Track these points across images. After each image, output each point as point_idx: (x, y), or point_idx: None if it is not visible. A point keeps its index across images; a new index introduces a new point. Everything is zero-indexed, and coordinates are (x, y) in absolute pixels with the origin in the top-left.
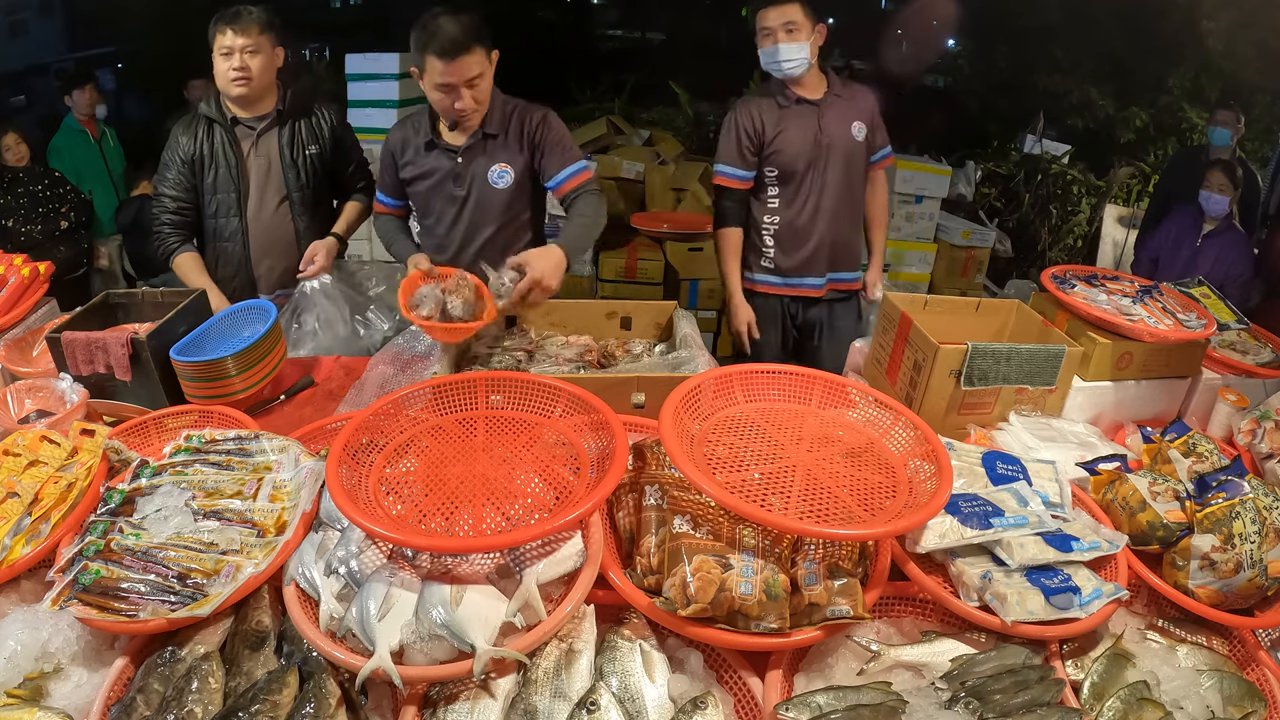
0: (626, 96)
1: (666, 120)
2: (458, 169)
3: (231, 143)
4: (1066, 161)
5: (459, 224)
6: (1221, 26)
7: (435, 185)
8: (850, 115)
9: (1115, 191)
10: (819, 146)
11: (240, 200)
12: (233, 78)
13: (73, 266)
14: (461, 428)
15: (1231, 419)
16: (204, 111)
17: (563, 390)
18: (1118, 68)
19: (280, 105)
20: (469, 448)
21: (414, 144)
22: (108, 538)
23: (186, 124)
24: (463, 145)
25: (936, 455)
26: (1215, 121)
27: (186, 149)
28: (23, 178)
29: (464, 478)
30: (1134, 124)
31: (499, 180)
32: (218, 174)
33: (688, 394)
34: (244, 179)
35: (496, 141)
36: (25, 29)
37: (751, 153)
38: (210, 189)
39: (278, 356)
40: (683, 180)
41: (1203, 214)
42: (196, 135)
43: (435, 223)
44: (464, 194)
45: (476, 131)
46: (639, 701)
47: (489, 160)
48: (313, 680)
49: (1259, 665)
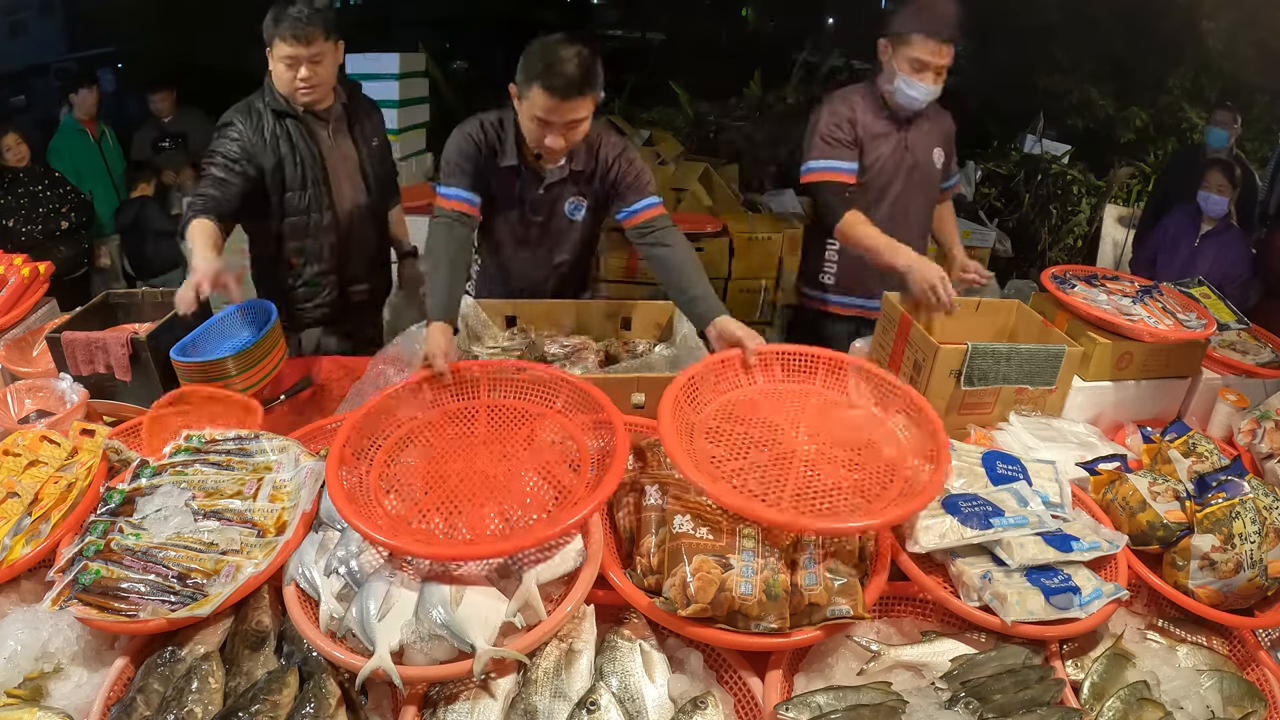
0: (626, 96)
1: (666, 120)
2: (536, 199)
3: (310, 136)
4: (1066, 161)
5: (524, 248)
6: (1221, 26)
7: (510, 206)
8: (934, 139)
9: (1115, 191)
10: (902, 166)
11: (329, 194)
12: (300, 88)
13: (73, 266)
14: (463, 420)
15: (1231, 419)
16: (270, 104)
17: (564, 382)
18: (1118, 68)
19: (344, 99)
20: (470, 442)
21: (494, 155)
22: (108, 538)
23: (244, 114)
24: (548, 179)
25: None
26: (1213, 122)
27: (252, 142)
28: (23, 178)
29: (464, 474)
30: (1134, 124)
31: (575, 213)
32: (303, 169)
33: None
34: (328, 172)
35: (580, 174)
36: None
37: (850, 145)
38: (293, 184)
39: (278, 356)
40: (683, 180)
41: (1201, 214)
42: (263, 129)
43: (499, 241)
44: (539, 219)
45: (564, 165)
46: (639, 701)
47: (566, 191)
48: (313, 680)
49: (1259, 665)
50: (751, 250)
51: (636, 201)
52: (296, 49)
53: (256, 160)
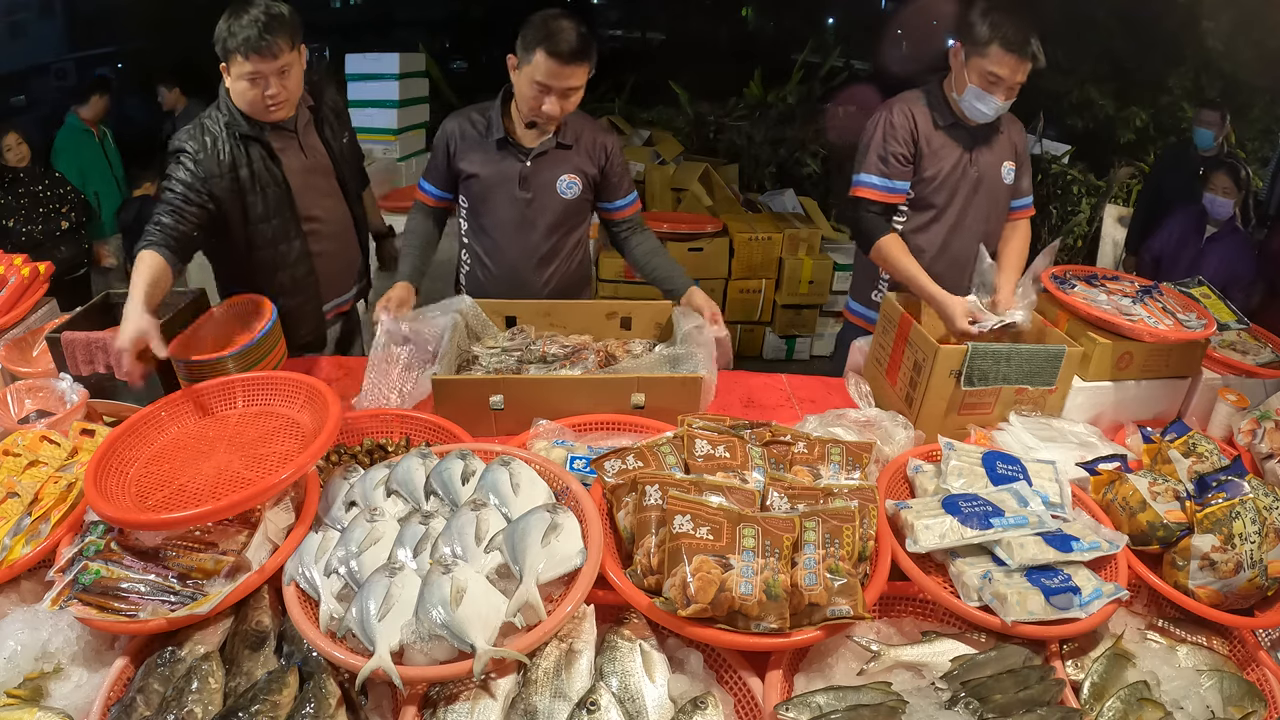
0: (626, 96)
1: (666, 120)
2: (525, 171)
3: (272, 158)
4: (1066, 161)
5: (519, 227)
6: (1221, 26)
7: (498, 184)
8: (1004, 152)
9: (1115, 191)
10: (965, 179)
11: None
12: (269, 105)
13: (73, 266)
14: (213, 427)
15: (1231, 419)
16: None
17: (302, 383)
18: (1118, 68)
19: (310, 101)
20: (214, 446)
21: (477, 138)
22: (108, 537)
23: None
24: (535, 149)
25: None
26: (1198, 122)
27: (207, 170)
28: (23, 178)
29: (209, 470)
30: (1134, 124)
31: (568, 190)
32: (265, 196)
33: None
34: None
35: (569, 151)
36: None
37: (905, 161)
38: (257, 215)
39: (278, 356)
40: (683, 180)
41: (1205, 216)
42: (218, 154)
43: (492, 223)
44: (529, 197)
45: (551, 139)
46: (639, 701)
47: (558, 169)
48: (313, 680)
49: (1259, 665)
50: (751, 250)
51: (626, 196)
52: (261, 64)
53: (213, 189)
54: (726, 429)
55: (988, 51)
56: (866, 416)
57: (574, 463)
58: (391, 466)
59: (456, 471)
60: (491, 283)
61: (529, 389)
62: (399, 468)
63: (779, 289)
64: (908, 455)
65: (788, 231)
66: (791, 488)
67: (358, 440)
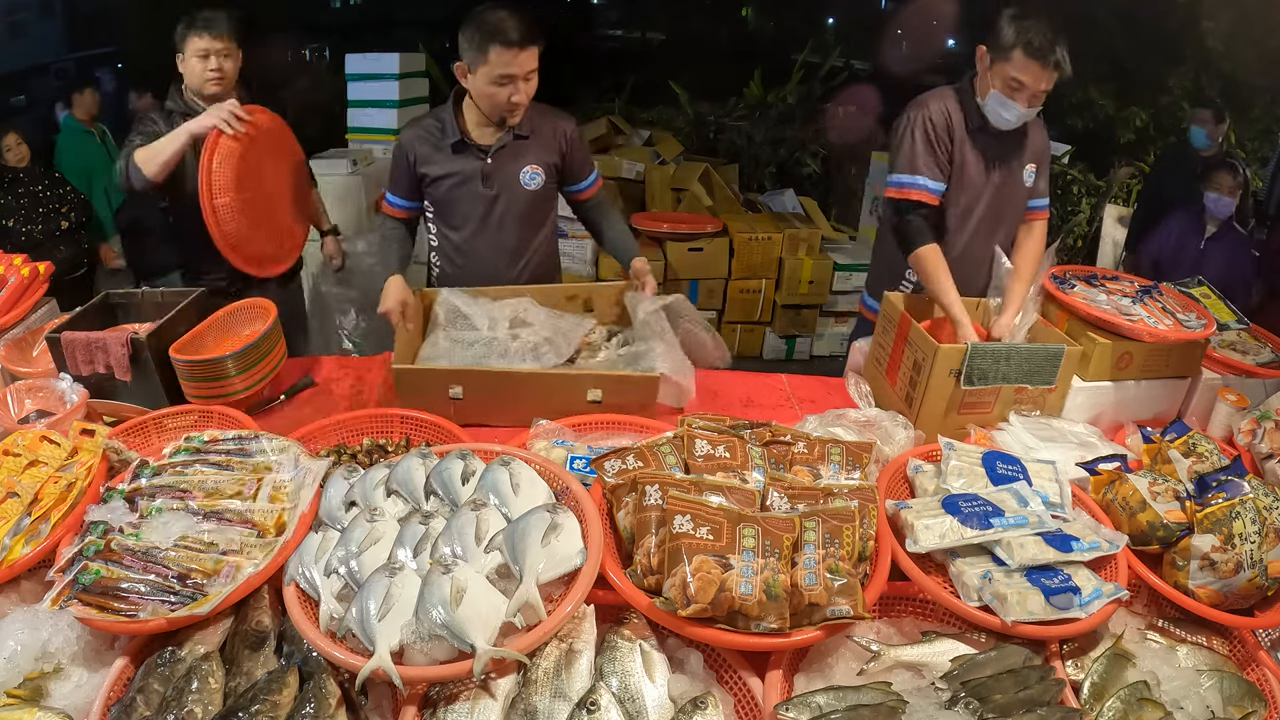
0: (626, 96)
1: (666, 120)
2: (487, 169)
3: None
4: (1066, 161)
5: (486, 224)
6: (1221, 26)
7: (461, 185)
8: (1026, 155)
9: (1115, 191)
10: (989, 181)
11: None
12: (210, 78)
13: (73, 266)
14: None
15: (1231, 419)
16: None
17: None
18: (1118, 68)
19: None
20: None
21: (434, 143)
22: (108, 538)
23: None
24: (493, 146)
25: None
26: (1193, 121)
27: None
28: (23, 178)
29: None
30: (1134, 124)
31: (531, 181)
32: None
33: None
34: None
35: (527, 143)
36: (25, 29)
37: (949, 162)
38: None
39: (278, 356)
40: (683, 180)
41: (1204, 216)
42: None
43: (461, 223)
44: (494, 194)
45: (507, 133)
46: (639, 701)
47: (519, 161)
48: (313, 680)
49: (1259, 665)
50: (752, 250)
51: (589, 177)
52: (210, 42)
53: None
54: (726, 429)
55: (1011, 56)
56: (866, 416)
57: (574, 463)
58: (391, 466)
59: (456, 471)
60: (464, 282)
61: (488, 381)
62: (399, 468)
63: (779, 289)
64: (908, 455)
65: (788, 231)
66: (791, 488)
67: (358, 440)
